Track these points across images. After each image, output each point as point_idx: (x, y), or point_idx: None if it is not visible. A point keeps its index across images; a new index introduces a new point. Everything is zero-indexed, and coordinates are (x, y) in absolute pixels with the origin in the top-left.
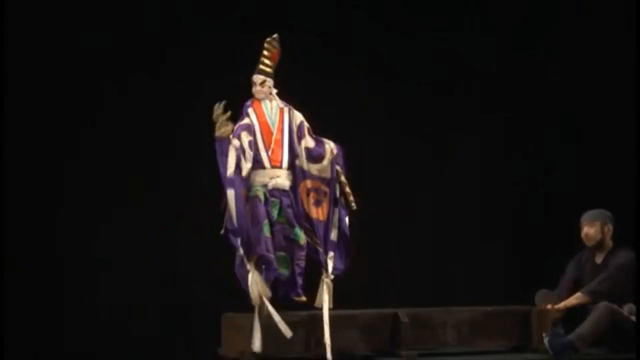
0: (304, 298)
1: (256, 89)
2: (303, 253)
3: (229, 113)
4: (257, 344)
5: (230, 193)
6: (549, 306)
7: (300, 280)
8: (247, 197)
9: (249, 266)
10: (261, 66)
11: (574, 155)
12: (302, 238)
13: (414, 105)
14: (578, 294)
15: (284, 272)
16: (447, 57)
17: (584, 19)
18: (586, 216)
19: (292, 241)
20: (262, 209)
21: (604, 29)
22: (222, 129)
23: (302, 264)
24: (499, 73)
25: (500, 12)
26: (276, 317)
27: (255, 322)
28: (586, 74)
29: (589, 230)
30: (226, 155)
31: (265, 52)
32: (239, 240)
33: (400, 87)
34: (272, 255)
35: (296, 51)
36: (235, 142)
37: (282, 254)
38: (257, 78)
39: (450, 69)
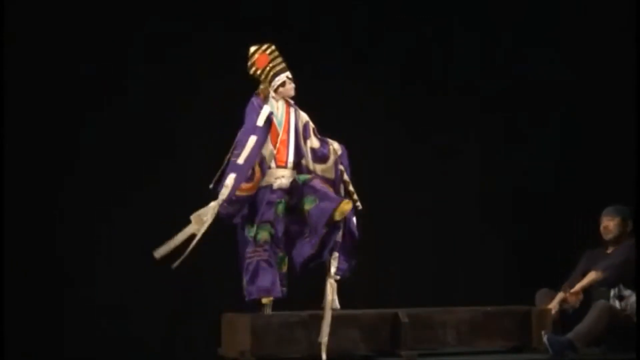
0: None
1: (290, 86)
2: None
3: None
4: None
5: (253, 139)
6: (565, 294)
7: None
8: (255, 240)
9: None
10: (284, 64)
11: (574, 156)
12: (306, 176)
13: (414, 105)
14: (591, 273)
15: (284, 270)
16: (447, 57)
17: (584, 19)
18: (608, 210)
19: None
20: (273, 249)
21: (604, 29)
22: (262, 88)
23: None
24: (499, 73)
25: (500, 12)
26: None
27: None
28: (586, 74)
29: (609, 222)
30: (260, 108)
31: (275, 53)
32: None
33: (401, 87)
34: (281, 294)
35: (296, 51)
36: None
37: (281, 254)
38: (290, 75)
39: (450, 68)
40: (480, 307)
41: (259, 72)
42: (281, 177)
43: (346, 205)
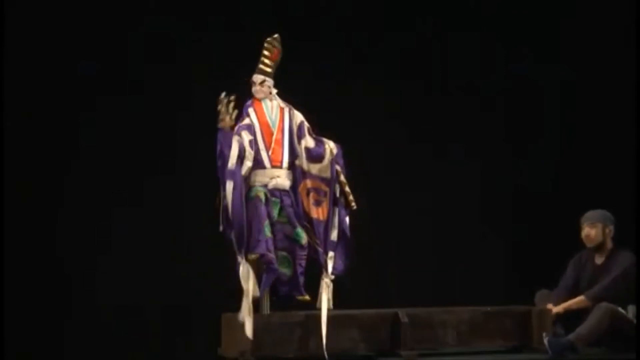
0: (307, 297)
1: (256, 89)
2: (304, 253)
3: (233, 104)
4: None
5: (230, 184)
6: (549, 306)
7: (302, 280)
8: (247, 197)
9: (239, 258)
10: (261, 66)
11: (574, 156)
12: (304, 238)
13: (414, 105)
14: (581, 298)
15: (285, 271)
16: (447, 57)
17: (584, 19)
18: (587, 217)
19: (294, 241)
20: (263, 209)
21: (604, 29)
22: (226, 119)
23: (304, 263)
24: (499, 73)
25: (501, 12)
26: (247, 317)
27: (242, 312)
28: (586, 74)
29: (590, 231)
30: (229, 147)
31: (265, 52)
32: (232, 234)
33: (400, 87)
34: (272, 255)
35: (296, 51)
36: (237, 137)
37: (284, 253)
38: (257, 78)
39: (450, 68)
40: (480, 307)
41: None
42: (276, 177)
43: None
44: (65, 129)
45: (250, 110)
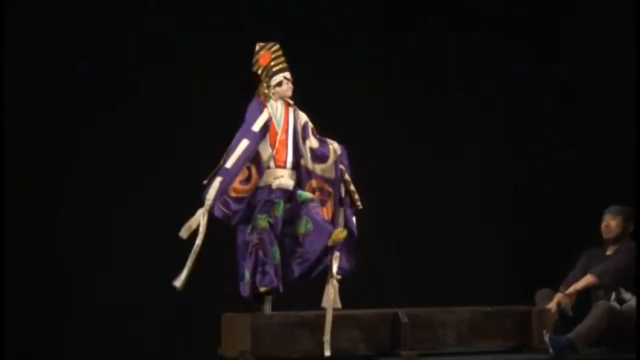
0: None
1: (287, 87)
2: (300, 252)
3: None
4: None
5: (245, 142)
6: (560, 295)
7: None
8: (253, 227)
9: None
10: (284, 64)
11: (574, 156)
12: (307, 195)
13: (414, 105)
14: (587, 276)
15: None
16: (447, 57)
17: (584, 19)
18: (611, 209)
19: (301, 203)
20: (269, 236)
21: (604, 29)
22: (265, 92)
23: (300, 262)
24: (499, 73)
25: (501, 12)
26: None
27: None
28: (586, 74)
29: (611, 221)
30: (260, 112)
31: (279, 53)
32: (218, 181)
33: (400, 87)
34: (279, 284)
35: (296, 51)
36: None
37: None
38: (288, 75)
39: (450, 68)
40: (480, 307)
41: (260, 69)
42: (280, 177)
43: (340, 234)
44: (65, 129)
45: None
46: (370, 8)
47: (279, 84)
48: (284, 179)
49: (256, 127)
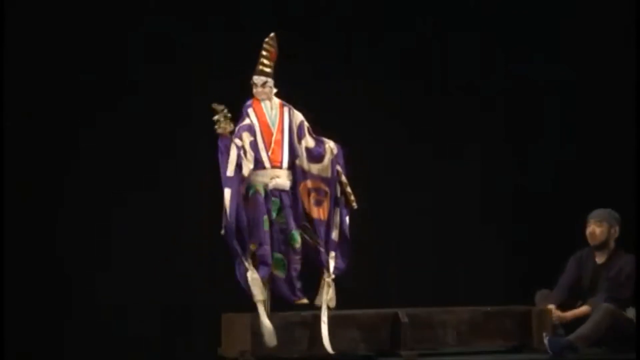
0: (305, 300)
1: (258, 90)
2: (298, 257)
3: (226, 111)
4: (271, 340)
5: (227, 192)
6: (555, 311)
7: (298, 284)
8: (247, 195)
9: (246, 264)
10: (261, 67)
11: (574, 156)
12: (298, 242)
13: (414, 105)
14: (587, 307)
15: (278, 273)
16: (447, 57)
17: (584, 19)
18: (595, 214)
19: (288, 244)
20: (262, 204)
21: (604, 29)
22: (223, 126)
23: (298, 267)
24: (499, 73)
25: (501, 12)
26: (266, 322)
27: (262, 319)
28: (586, 74)
29: (596, 229)
30: (227, 154)
31: (264, 52)
32: (233, 240)
33: (400, 87)
34: (268, 248)
35: (296, 51)
36: (237, 141)
37: (280, 255)
38: (259, 79)
39: (450, 68)
40: (480, 307)
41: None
42: (276, 177)
43: None
44: (65, 129)
45: (250, 111)
46: (370, 8)
47: (255, 85)
48: (280, 179)
49: (230, 172)
